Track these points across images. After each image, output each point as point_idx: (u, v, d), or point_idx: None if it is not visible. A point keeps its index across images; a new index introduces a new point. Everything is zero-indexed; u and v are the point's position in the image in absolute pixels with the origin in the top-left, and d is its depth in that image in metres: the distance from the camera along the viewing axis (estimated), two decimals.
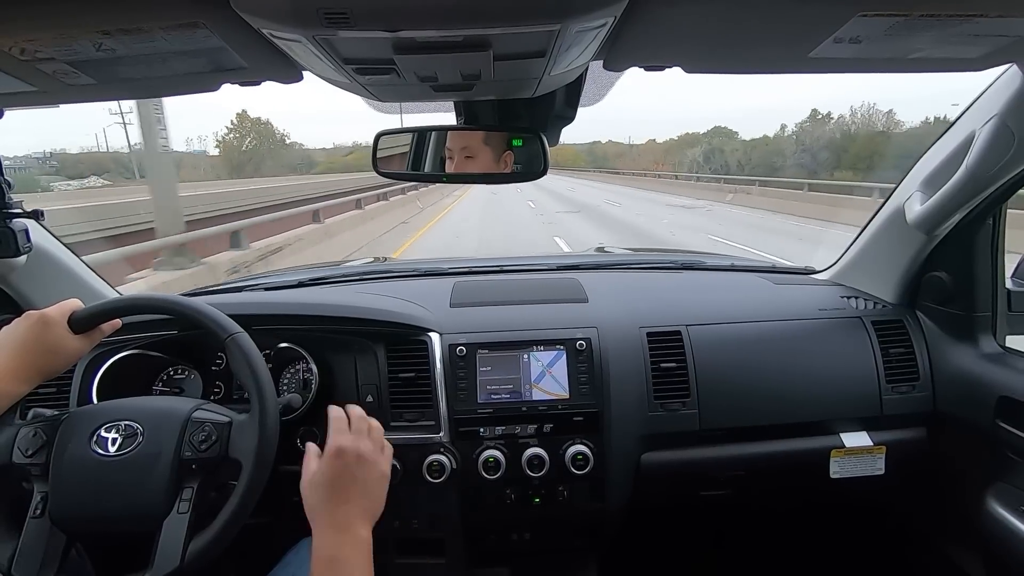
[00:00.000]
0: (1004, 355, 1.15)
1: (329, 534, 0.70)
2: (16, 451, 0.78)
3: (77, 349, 0.81)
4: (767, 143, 50.42)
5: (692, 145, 62.82)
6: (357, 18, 0.50)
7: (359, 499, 0.74)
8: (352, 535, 0.70)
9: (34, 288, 1.12)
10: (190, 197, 11.00)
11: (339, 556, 0.68)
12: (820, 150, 41.57)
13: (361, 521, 0.72)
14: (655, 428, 1.18)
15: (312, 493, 0.74)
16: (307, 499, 0.74)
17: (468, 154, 0.98)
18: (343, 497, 0.73)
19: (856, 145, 40.56)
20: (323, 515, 0.72)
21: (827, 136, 44.01)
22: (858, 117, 44.65)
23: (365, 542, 0.71)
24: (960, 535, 1.25)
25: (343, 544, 0.69)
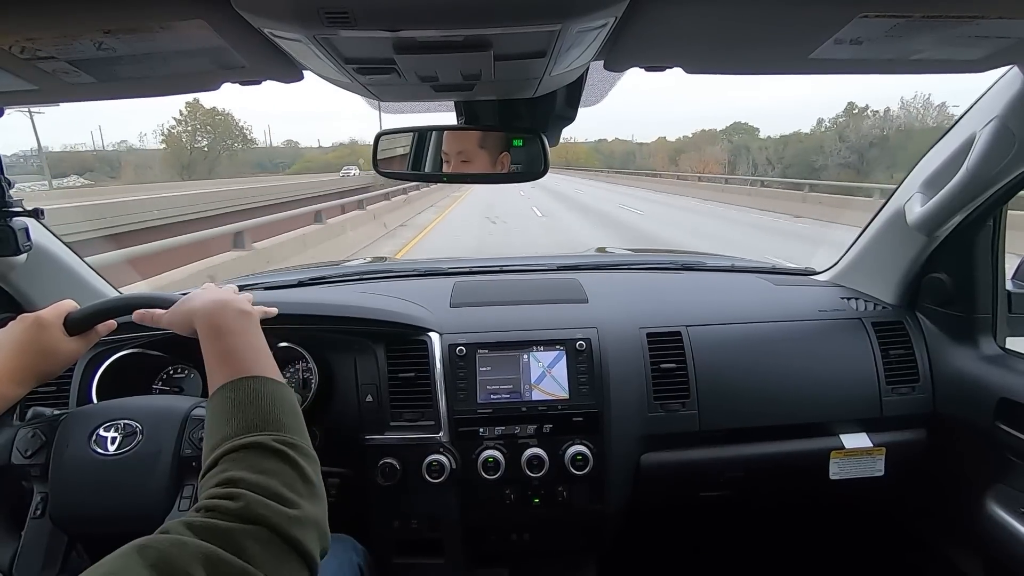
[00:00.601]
0: (1004, 357, 1.15)
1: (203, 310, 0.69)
2: (15, 452, 0.78)
3: (73, 351, 0.80)
4: (800, 139, 44.95)
5: (711, 143, 59.55)
6: (358, 18, 0.50)
7: (226, 294, 0.73)
8: (231, 306, 0.69)
9: (34, 287, 1.12)
10: (95, 207, 9.78)
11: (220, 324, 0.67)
12: (868, 147, 36.36)
13: (244, 304, 0.71)
14: (655, 429, 1.18)
15: (177, 308, 0.74)
16: (178, 308, 0.74)
17: (464, 158, 0.98)
18: (218, 293, 0.73)
19: (914, 143, 34.78)
20: (201, 300, 0.71)
21: (874, 132, 38.63)
22: (911, 111, 38.68)
23: (249, 314, 0.69)
24: (960, 537, 1.25)
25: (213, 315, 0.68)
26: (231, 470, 0.50)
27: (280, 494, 0.49)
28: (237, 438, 0.53)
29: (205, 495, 0.48)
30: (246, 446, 0.52)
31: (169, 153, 60.05)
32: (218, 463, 0.52)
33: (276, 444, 0.53)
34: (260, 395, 0.58)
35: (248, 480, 0.49)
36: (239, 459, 0.51)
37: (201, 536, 0.43)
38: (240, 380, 0.59)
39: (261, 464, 0.51)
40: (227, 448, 0.52)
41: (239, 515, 0.46)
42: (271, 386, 0.60)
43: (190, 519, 0.45)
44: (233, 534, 0.44)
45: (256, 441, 0.53)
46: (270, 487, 0.49)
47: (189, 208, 13.13)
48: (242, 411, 0.56)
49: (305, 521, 0.49)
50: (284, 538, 0.46)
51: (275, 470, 0.51)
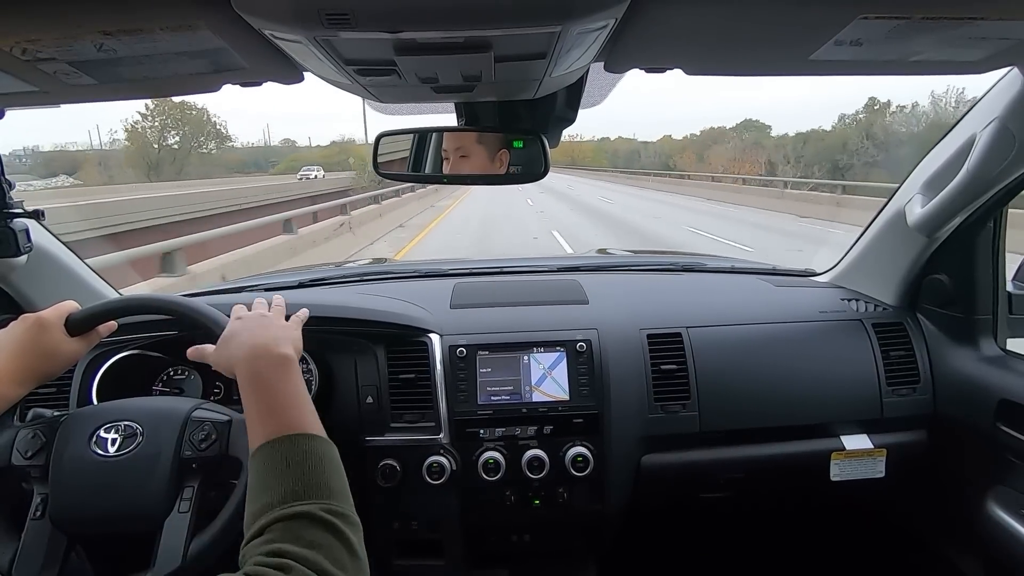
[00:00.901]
0: (1005, 358, 1.15)
1: (244, 364, 0.68)
2: (15, 453, 0.78)
3: (74, 352, 0.80)
4: (821, 137, 40.05)
5: (719, 141, 53.87)
6: (358, 19, 0.50)
7: (267, 331, 0.72)
8: (270, 351, 0.68)
9: (35, 288, 1.12)
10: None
11: (257, 371, 0.66)
12: (898, 145, 33.10)
13: (282, 344, 0.70)
14: (655, 430, 1.18)
15: (222, 347, 0.74)
16: (219, 351, 0.74)
17: (463, 153, 0.98)
18: (256, 331, 0.72)
19: None
20: (239, 344, 0.71)
21: (903, 129, 35.50)
22: (942, 107, 33.88)
23: (288, 358, 0.69)
24: (960, 538, 1.25)
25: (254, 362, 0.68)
26: (278, 542, 0.50)
27: (327, 571, 0.49)
28: (284, 507, 0.53)
29: (252, 561, 0.48)
30: (294, 516, 0.52)
31: (134, 151, 51.76)
32: (264, 532, 0.51)
33: (324, 514, 0.53)
34: (306, 456, 0.57)
35: (297, 554, 0.49)
36: (287, 530, 0.51)
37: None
38: (285, 439, 0.58)
39: (308, 537, 0.51)
40: (273, 517, 0.52)
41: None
42: (316, 445, 0.59)
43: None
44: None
45: (304, 511, 0.52)
46: (319, 563, 0.49)
47: (113, 218, 11.82)
48: (289, 474, 0.55)
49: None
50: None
51: (322, 543, 0.51)
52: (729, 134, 55.62)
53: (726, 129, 59.24)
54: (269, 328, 0.73)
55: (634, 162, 68.39)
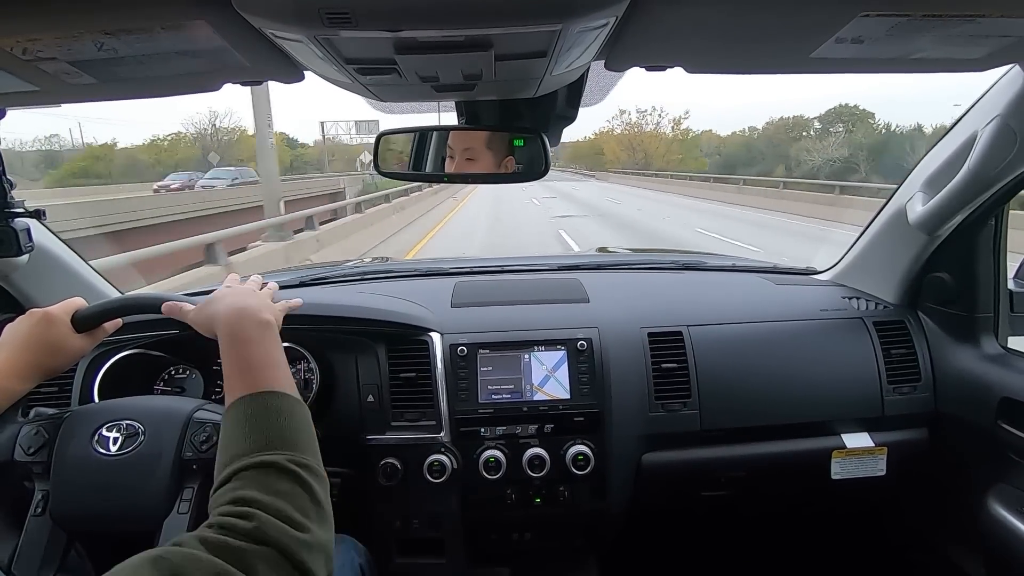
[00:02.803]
0: (1006, 356, 1.15)
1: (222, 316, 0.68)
2: (18, 449, 0.78)
3: (79, 348, 0.81)
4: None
5: (803, 133, 41.83)
6: (359, 18, 0.50)
7: (252, 298, 0.72)
8: (251, 315, 0.68)
9: (36, 287, 1.13)
10: None
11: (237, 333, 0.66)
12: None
13: (265, 311, 0.70)
14: (656, 428, 1.18)
15: (205, 306, 0.73)
16: (201, 312, 0.74)
17: (469, 156, 0.98)
18: (239, 296, 0.72)
19: None
20: (222, 306, 0.70)
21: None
22: None
23: (268, 323, 0.68)
24: (961, 536, 1.25)
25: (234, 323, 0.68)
26: (244, 489, 0.51)
27: (292, 517, 0.49)
28: (252, 456, 0.53)
29: (218, 511, 0.49)
30: (260, 465, 0.53)
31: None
32: (231, 479, 0.52)
33: (290, 465, 0.53)
34: (276, 412, 0.58)
35: (261, 501, 0.49)
36: (252, 478, 0.52)
37: (214, 553, 0.44)
38: (257, 395, 0.59)
39: (274, 485, 0.52)
40: (241, 465, 0.53)
41: (251, 536, 0.46)
42: (287, 402, 0.60)
43: (204, 534, 0.46)
44: (245, 554, 0.45)
45: (270, 461, 0.53)
46: (283, 510, 0.50)
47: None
48: (258, 427, 0.56)
49: (314, 546, 0.49)
50: (293, 562, 0.47)
51: (288, 492, 0.51)
52: (806, 123, 42.73)
53: (806, 119, 45.27)
54: (254, 295, 0.74)
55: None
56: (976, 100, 0.99)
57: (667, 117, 67.26)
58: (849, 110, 41.62)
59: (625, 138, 65.31)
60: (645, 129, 64.59)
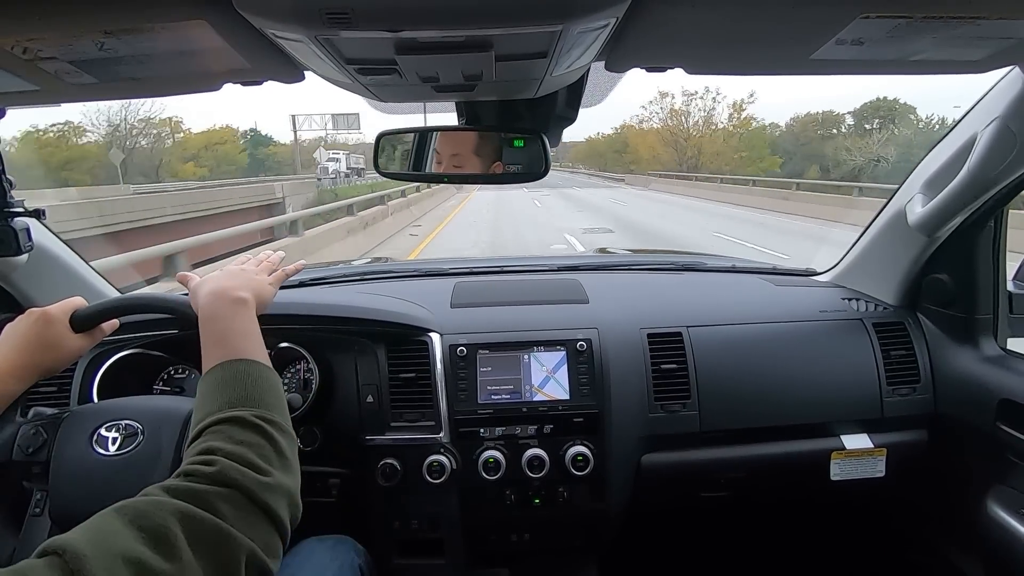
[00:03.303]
0: (1005, 358, 1.15)
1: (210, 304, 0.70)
2: (16, 449, 0.78)
3: (78, 347, 0.81)
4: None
5: (832, 131, 36.95)
6: (359, 18, 0.50)
7: (232, 279, 0.75)
8: (226, 295, 0.71)
9: (35, 287, 1.13)
10: None
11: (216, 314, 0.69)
12: None
13: (241, 289, 0.72)
14: (655, 429, 1.18)
15: (193, 293, 0.75)
16: (192, 295, 0.76)
17: (457, 163, 0.98)
18: (221, 279, 0.75)
19: None
20: (203, 289, 0.73)
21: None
22: None
23: (243, 300, 0.71)
24: (960, 538, 1.25)
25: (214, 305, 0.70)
26: (210, 440, 0.53)
27: (253, 463, 0.52)
28: (219, 412, 0.56)
29: (185, 462, 0.51)
30: (226, 420, 0.55)
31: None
32: (200, 435, 0.55)
33: (254, 419, 0.56)
34: (245, 375, 0.61)
35: (225, 449, 0.52)
36: (219, 431, 0.54)
37: (177, 497, 0.46)
38: (228, 362, 0.62)
39: (238, 436, 0.54)
40: (209, 422, 0.55)
41: (213, 479, 0.49)
42: (256, 368, 0.63)
43: (167, 483, 0.48)
44: (207, 495, 0.47)
45: (235, 415, 0.56)
46: (244, 456, 0.52)
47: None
48: (227, 389, 0.59)
49: (276, 488, 0.51)
50: (255, 502, 0.49)
51: (251, 441, 0.54)
52: (835, 119, 37.02)
53: (837, 114, 39.14)
54: (236, 277, 0.76)
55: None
56: (976, 102, 0.99)
57: (724, 101, 49.55)
58: (888, 104, 37.10)
59: (667, 132, 47.24)
60: (693, 118, 46.35)
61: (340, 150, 40.33)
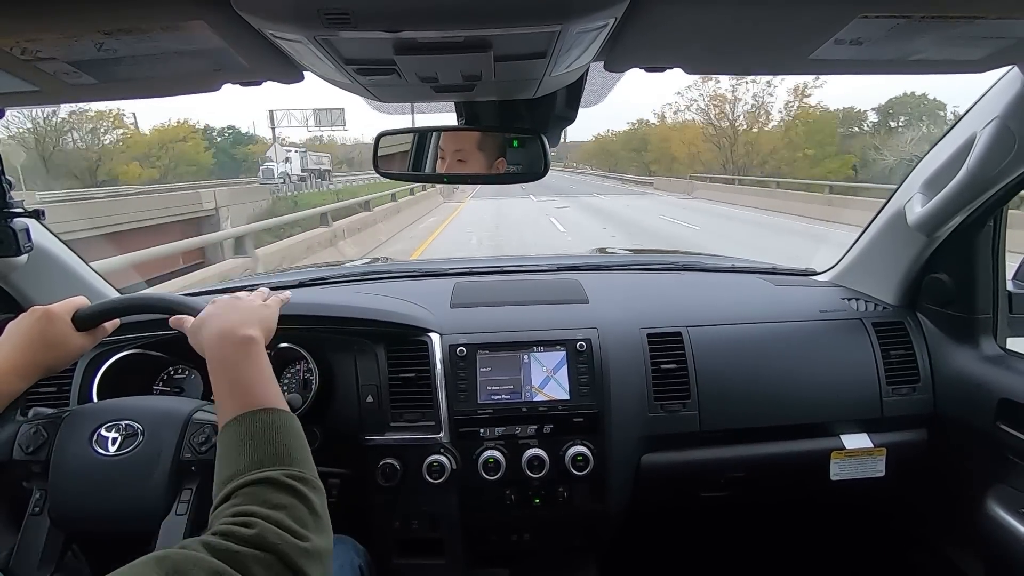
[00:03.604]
0: (1005, 357, 1.15)
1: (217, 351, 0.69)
2: (17, 448, 0.78)
3: (80, 346, 0.82)
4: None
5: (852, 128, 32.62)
6: (358, 19, 0.50)
7: (234, 313, 0.73)
8: (233, 335, 0.69)
9: (35, 287, 1.13)
10: None
11: (226, 358, 0.67)
12: None
13: (247, 326, 0.70)
14: (655, 429, 1.18)
15: (195, 331, 0.74)
16: (193, 335, 0.75)
17: (460, 157, 0.98)
18: (223, 315, 0.73)
19: None
20: (207, 330, 0.71)
21: None
22: None
23: (251, 339, 0.69)
24: (960, 537, 1.25)
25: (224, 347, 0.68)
26: (245, 504, 0.53)
27: (291, 527, 0.51)
28: (249, 473, 0.55)
29: (220, 522, 0.51)
30: (258, 481, 0.55)
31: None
32: (231, 498, 0.54)
33: (286, 479, 0.55)
34: (268, 428, 0.60)
35: (261, 513, 0.51)
36: (251, 494, 0.54)
37: (215, 555, 0.46)
38: (248, 414, 0.61)
39: (273, 499, 0.53)
40: (239, 483, 0.55)
41: (251, 542, 0.48)
42: (277, 418, 0.62)
43: (207, 539, 0.48)
44: (244, 557, 0.47)
45: (267, 477, 0.55)
46: (282, 520, 0.52)
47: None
48: (252, 446, 0.58)
49: (313, 554, 0.51)
50: (291, 567, 0.49)
51: (286, 504, 0.53)
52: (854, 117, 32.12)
53: (859, 111, 33.75)
54: (236, 311, 0.74)
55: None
56: (975, 102, 0.99)
57: (782, 84, 34.76)
58: (915, 100, 32.86)
59: (711, 125, 35.92)
60: (742, 106, 34.93)
61: (293, 147, 35.14)
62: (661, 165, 40.99)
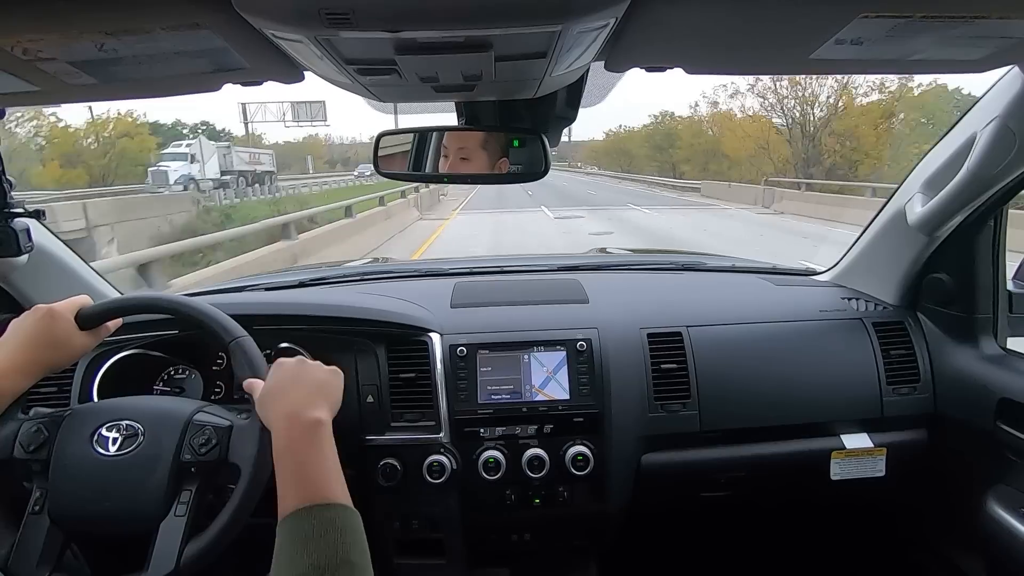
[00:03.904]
0: (1005, 357, 1.15)
1: (281, 425, 0.70)
2: (18, 446, 0.78)
3: (82, 345, 0.82)
4: None
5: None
6: (359, 19, 0.50)
7: (301, 389, 0.74)
8: (301, 418, 0.69)
9: (35, 287, 1.13)
10: None
11: (290, 443, 0.68)
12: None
13: (315, 407, 0.71)
14: (655, 429, 1.18)
15: (262, 404, 0.74)
16: (260, 408, 0.75)
17: (463, 155, 0.98)
18: (291, 391, 0.73)
19: None
20: (274, 409, 0.71)
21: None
22: None
23: (319, 423, 0.70)
24: (961, 537, 1.25)
25: (291, 429, 0.69)
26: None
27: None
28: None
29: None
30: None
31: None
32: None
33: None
34: (332, 528, 0.60)
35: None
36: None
37: None
38: (311, 509, 0.61)
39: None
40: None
41: None
42: (341, 515, 0.62)
43: None
44: None
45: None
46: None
47: None
48: (315, 547, 0.58)
49: None
50: None
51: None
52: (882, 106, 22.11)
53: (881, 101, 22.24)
54: (303, 385, 0.74)
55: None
56: (975, 101, 0.99)
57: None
58: (948, 94, 24.44)
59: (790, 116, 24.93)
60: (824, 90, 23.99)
61: (228, 144, 28.22)
62: (693, 165, 33.70)
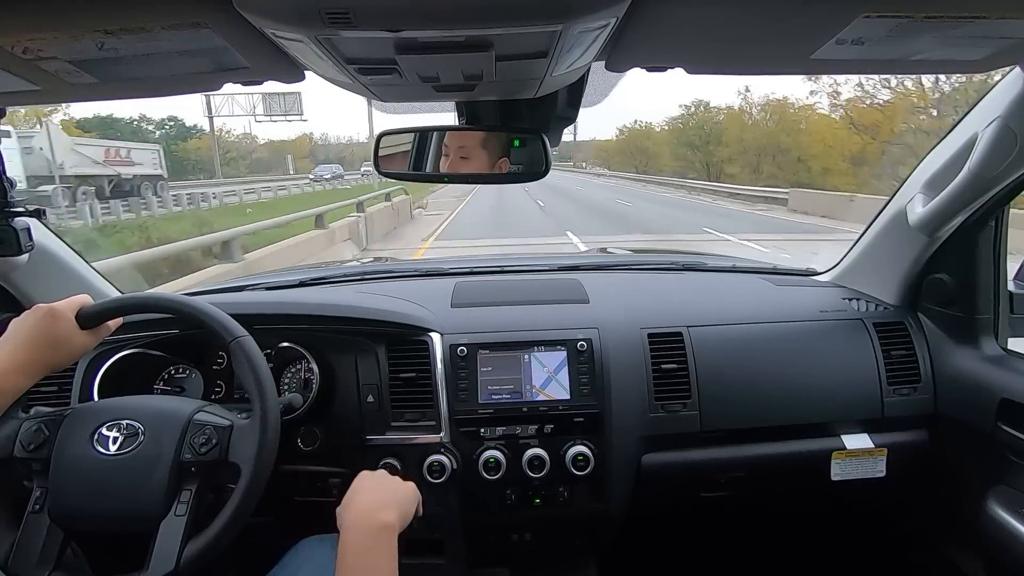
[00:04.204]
0: (1006, 357, 1.15)
1: (353, 531, 0.71)
2: (18, 445, 0.78)
3: (83, 344, 0.82)
4: None
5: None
6: (359, 18, 0.50)
7: (378, 492, 0.77)
8: (371, 519, 0.71)
9: (36, 287, 1.13)
10: None
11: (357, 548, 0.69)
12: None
13: (386, 509, 0.73)
14: (656, 429, 1.18)
15: (343, 506, 0.76)
16: (340, 508, 0.76)
17: (463, 154, 0.98)
18: (368, 495, 0.76)
19: None
20: (349, 508, 0.73)
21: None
22: None
23: (386, 527, 0.71)
24: (961, 537, 1.25)
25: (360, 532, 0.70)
26: None
27: None
28: None
29: None
30: None
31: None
32: None
33: None
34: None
35: None
36: None
37: None
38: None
39: None
40: None
41: None
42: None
43: None
44: None
45: None
46: None
47: None
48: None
49: None
50: None
51: None
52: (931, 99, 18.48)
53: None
54: (380, 489, 0.77)
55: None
56: (976, 101, 0.99)
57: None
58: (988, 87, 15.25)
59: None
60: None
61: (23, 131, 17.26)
62: (743, 167, 28.94)
